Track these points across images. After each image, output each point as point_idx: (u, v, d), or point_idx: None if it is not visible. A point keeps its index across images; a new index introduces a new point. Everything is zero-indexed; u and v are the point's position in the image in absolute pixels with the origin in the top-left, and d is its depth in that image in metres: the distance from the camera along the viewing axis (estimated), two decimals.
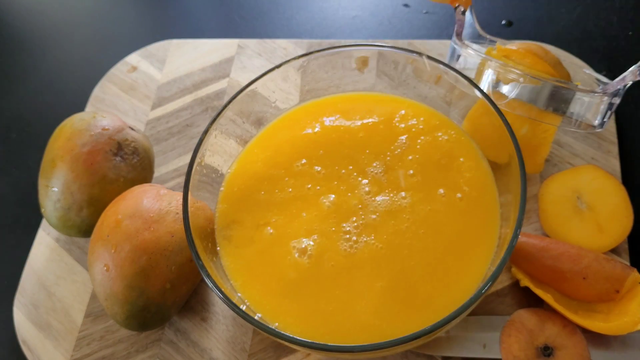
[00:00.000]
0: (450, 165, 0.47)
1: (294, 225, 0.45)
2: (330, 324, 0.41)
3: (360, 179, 0.47)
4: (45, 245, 0.58)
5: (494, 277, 0.36)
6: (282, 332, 0.37)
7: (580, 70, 0.57)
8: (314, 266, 0.44)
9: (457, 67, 0.52)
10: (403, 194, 0.46)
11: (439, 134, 0.49)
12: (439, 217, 0.45)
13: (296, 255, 0.44)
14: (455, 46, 0.52)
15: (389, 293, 0.41)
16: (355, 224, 0.45)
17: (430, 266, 0.42)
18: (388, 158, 0.48)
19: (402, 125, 0.50)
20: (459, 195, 0.45)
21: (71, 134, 0.52)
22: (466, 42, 0.53)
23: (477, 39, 0.55)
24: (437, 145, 0.49)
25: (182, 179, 0.60)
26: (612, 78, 0.49)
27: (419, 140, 0.49)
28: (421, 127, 0.50)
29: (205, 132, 0.46)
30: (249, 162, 0.50)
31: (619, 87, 0.47)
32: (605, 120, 0.49)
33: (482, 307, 0.49)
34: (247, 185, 0.48)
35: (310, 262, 0.44)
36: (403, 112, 0.51)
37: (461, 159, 0.47)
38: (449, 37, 0.71)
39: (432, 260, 0.43)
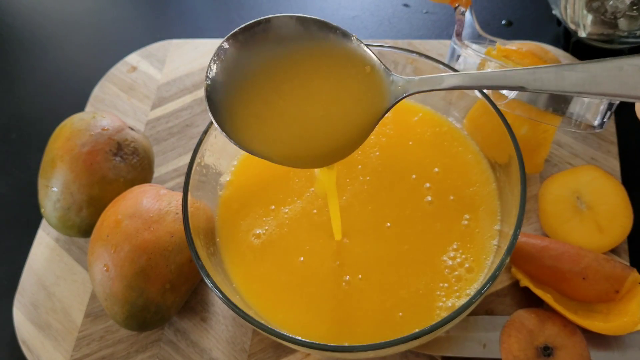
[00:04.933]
0: (450, 165, 0.47)
1: (293, 226, 0.45)
2: (329, 324, 0.41)
3: (359, 177, 0.47)
4: (45, 245, 0.58)
5: (493, 277, 0.36)
6: (282, 332, 0.37)
7: None
8: (313, 268, 0.44)
9: (457, 67, 0.52)
10: (402, 195, 0.46)
11: (439, 134, 0.49)
12: (437, 217, 0.45)
13: (295, 256, 0.44)
14: (455, 46, 0.52)
15: (388, 294, 0.42)
16: (354, 225, 0.45)
17: (428, 267, 0.42)
18: (386, 159, 0.48)
19: (401, 126, 0.50)
20: (456, 196, 0.45)
21: (71, 134, 0.52)
22: (466, 42, 0.53)
23: (477, 39, 0.55)
24: (437, 146, 0.49)
25: (182, 179, 0.60)
26: None
27: (418, 141, 0.49)
28: (420, 128, 0.50)
29: (205, 132, 0.46)
30: (248, 162, 0.50)
31: None
32: (604, 120, 0.49)
33: (482, 307, 0.49)
34: (247, 186, 0.48)
35: (309, 263, 0.44)
36: (402, 112, 0.51)
37: (461, 159, 0.47)
38: (449, 37, 0.71)
39: (430, 261, 0.43)
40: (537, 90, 0.30)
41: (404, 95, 0.33)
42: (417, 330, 0.36)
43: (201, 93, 0.67)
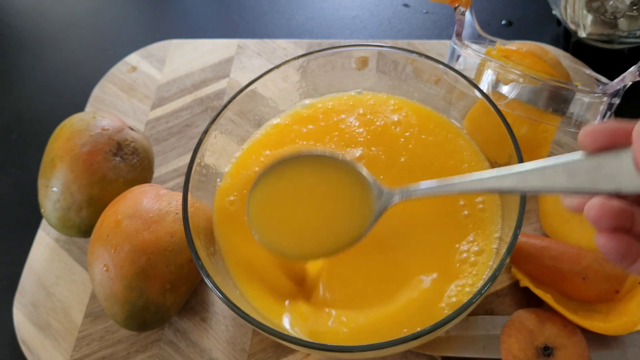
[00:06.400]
0: (450, 165, 0.47)
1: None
2: (330, 324, 0.41)
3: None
4: (45, 245, 0.58)
5: (493, 277, 0.36)
6: (282, 332, 0.37)
7: (580, 71, 0.57)
8: (313, 268, 0.44)
9: (457, 67, 0.52)
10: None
11: (440, 132, 0.49)
12: (437, 217, 0.45)
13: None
14: (455, 46, 0.52)
15: (388, 294, 0.42)
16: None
17: (428, 267, 0.42)
18: (387, 159, 0.48)
19: (402, 126, 0.50)
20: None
21: (71, 134, 0.52)
22: (466, 42, 0.53)
23: (477, 39, 0.55)
24: (437, 146, 0.49)
25: (182, 179, 0.60)
26: (612, 78, 0.49)
27: (418, 141, 0.49)
28: (421, 124, 0.50)
29: (205, 132, 0.46)
30: (248, 162, 0.50)
31: (618, 87, 0.47)
32: (604, 120, 0.49)
33: (482, 307, 0.49)
34: (247, 186, 0.48)
35: (311, 264, 0.44)
36: (403, 112, 0.51)
37: (463, 157, 0.48)
38: (449, 37, 0.71)
39: (430, 261, 0.43)
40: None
41: (388, 205, 0.39)
42: (417, 330, 0.36)
43: (201, 93, 0.67)
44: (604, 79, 0.54)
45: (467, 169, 0.47)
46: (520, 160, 0.41)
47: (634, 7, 0.59)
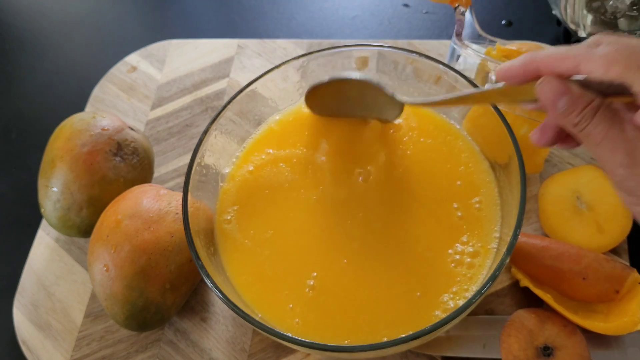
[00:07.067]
0: (450, 165, 0.47)
1: (294, 226, 0.45)
2: (330, 324, 0.41)
3: (360, 178, 0.47)
4: (45, 245, 0.58)
5: (493, 277, 0.36)
6: (282, 332, 0.37)
7: None
8: (315, 269, 0.44)
9: (457, 67, 0.52)
10: (402, 194, 0.46)
11: (439, 134, 0.49)
12: (437, 217, 0.45)
13: (297, 256, 0.44)
14: (455, 46, 0.52)
15: (387, 294, 0.42)
16: (356, 223, 0.45)
17: (429, 267, 0.42)
18: (387, 159, 0.48)
19: (402, 126, 0.50)
20: (457, 196, 0.45)
21: (71, 134, 0.52)
22: (466, 42, 0.53)
23: (477, 39, 0.55)
24: (437, 146, 0.49)
25: (182, 179, 0.60)
26: None
27: (419, 141, 0.49)
28: (421, 127, 0.50)
29: (205, 132, 0.46)
30: (248, 162, 0.50)
31: None
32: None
33: (482, 307, 0.49)
34: (247, 186, 0.48)
35: (312, 264, 0.44)
36: (404, 114, 0.51)
37: (461, 160, 0.47)
38: (449, 37, 0.71)
39: (430, 261, 0.43)
40: None
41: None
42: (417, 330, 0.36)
43: (201, 93, 0.67)
44: None
45: (464, 171, 0.47)
46: (521, 160, 0.41)
47: (634, 7, 0.59)
